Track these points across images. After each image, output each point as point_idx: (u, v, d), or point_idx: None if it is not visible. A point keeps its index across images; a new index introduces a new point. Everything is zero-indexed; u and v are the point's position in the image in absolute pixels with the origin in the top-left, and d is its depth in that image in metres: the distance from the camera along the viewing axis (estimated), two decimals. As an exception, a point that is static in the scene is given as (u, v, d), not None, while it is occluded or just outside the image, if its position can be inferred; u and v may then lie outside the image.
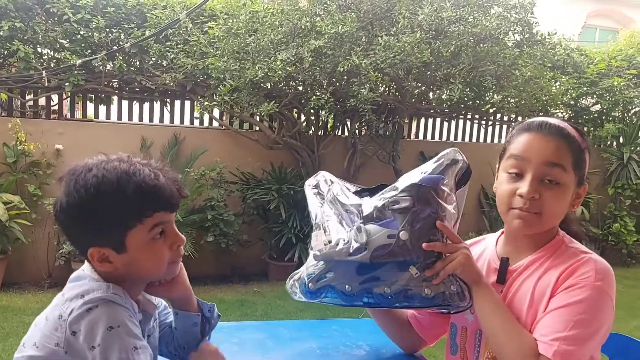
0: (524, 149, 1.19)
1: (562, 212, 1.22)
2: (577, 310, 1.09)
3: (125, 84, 5.12)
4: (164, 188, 1.02)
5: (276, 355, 1.32)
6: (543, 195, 1.16)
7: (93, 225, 1.00)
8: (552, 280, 1.16)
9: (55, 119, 5.08)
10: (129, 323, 0.96)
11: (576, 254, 1.19)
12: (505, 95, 5.28)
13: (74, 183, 1.00)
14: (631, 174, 6.68)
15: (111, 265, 1.02)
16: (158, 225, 1.03)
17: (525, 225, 1.20)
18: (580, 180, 1.22)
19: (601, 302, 1.12)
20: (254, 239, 5.28)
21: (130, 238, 1.01)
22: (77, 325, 0.93)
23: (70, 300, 0.97)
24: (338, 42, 4.63)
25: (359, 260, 1.19)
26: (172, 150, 5.06)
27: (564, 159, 1.17)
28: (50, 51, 4.99)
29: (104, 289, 0.99)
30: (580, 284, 1.11)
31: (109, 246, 1.01)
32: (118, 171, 1.00)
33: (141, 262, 1.03)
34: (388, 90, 5.56)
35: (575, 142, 1.19)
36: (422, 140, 6.53)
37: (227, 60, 4.72)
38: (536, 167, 1.17)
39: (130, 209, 1.00)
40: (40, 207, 4.56)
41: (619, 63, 6.75)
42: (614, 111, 6.82)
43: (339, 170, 5.67)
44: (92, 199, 0.98)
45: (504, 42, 5.14)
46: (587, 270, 1.13)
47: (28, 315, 3.85)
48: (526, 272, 1.23)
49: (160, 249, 1.04)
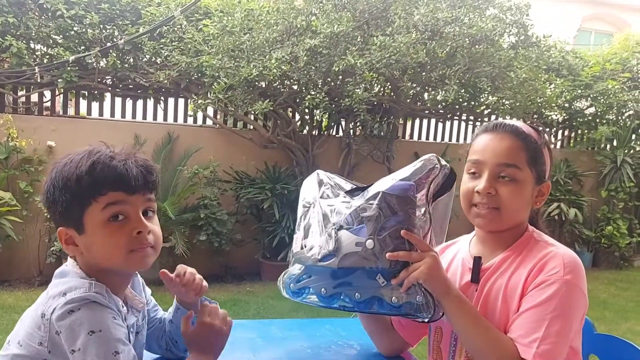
0: (480, 150, 1.26)
1: (521, 208, 1.24)
2: (550, 307, 1.12)
3: (118, 81, 5.09)
4: (118, 167, 1.01)
5: (267, 354, 1.30)
6: (499, 190, 1.22)
7: (57, 203, 1.02)
8: (522, 278, 1.19)
9: (47, 116, 5.04)
10: (111, 326, 0.95)
11: (544, 247, 1.22)
12: (500, 97, 5.29)
13: (54, 167, 1.05)
14: (624, 176, 6.70)
15: (77, 248, 1.04)
16: (112, 204, 1.01)
17: (485, 221, 1.25)
18: (540, 177, 1.25)
19: (572, 295, 1.14)
20: (247, 239, 5.26)
21: (87, 217, 1.02)
22: (59, 325, 0.93)
23: (52, 298, 0.97)
24: (333, 41, 4.62)
25: (327, 266, 1.21)
26: (165, 148, 5.03)
27: (517, 157, 1.22)
28: (43, 47, 4.96)
29: (87, 287, 0.98)
30: (550, 280, 1.14)
31: (71, 226, 1.03)
32: (84, 152, 1.04)
33: (97, 244, 1.02)
34: (383, 90, 5.56)
35: (530, 139, 1.23)
36: (416, 140, 6.52)
37: (222, 58, 4.70)
38: (491, 167, 1.23)
39: (84, 185, 1.00)
40: (31, 204, 4.53)
41: (614, 66, 6.77)
42: (608, 114, 6.85)
43: (333, 170, 5.63)
44: (57, 175, 1.02)
45: (499, 44, 5.15)
46: (555, 265, 1.16)
47: (18, 312, 3.81)
48: (498, 270, 1.25)
49: (115, 232, 1.02)
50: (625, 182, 6.69)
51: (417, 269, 1.14)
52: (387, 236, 1.16)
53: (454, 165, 4.49)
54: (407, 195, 1.17)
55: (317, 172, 1.43)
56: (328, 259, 1.21)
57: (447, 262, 1.40)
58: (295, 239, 1.33)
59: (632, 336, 4.05)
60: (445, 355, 1.32)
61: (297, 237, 1.32)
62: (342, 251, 1.19)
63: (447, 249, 1.45)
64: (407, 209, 1.17)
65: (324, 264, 1.21)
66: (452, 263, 1.39)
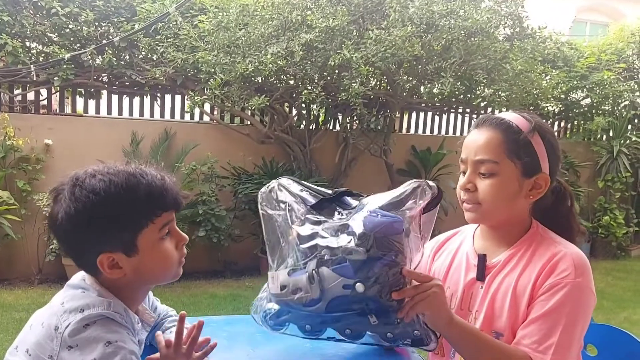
0: (465, 148, 1.26)
1: (505, 201, 1.21)
2: (564, 312, 1.11)
3: (115, 79, 5.08)
4: (171, 187, 1.04)
5: (266, 349, 1.31)
6: (479, 186, 1.21)
7: (105, 229, 0.99)
8: (532, 278, 1.17)
9: (44, 114, 5.04)
10: (127, 339, 0.96)
11: (552, 245, 1.21)
12: (496, 89, 5.29)
13: (78, 189, 0.98)
14: (621, 167, 6.73)
15: (121, 271, 1.01)
16: (166, 224, 1.03)
17: (471, 216, 1.26)
18: (528, 169, 1.20)
19: (584, 297, 1.14)
20: (245, 234, 5.27)
21: (141, 239, 1.00)
22: (73, 340, 0.93)
23: (69, 312, 0.96)
24: (329, 35, 4.62)
25: (315, 312, 1.15)
26: (162, 145, 5.03)
27: (493, 151, 1.19)
28: (38, 45, 4.95)
29: (105, 306, 0.98)
30: (562, 284, 1.13)
31: (119, 250, 1.00)
32: (124, 174, 1.01)
33: (152, 263, 1.03)
34: (379, 84, 5.56)
35: (512, 130, 1.20)
36: (413, 134, 6.53)
37: (218, 54, 4.70)
38: (470, 163, 1.23)
39: (142, 209, 1.00)
40: (29, 202, 4.53)
41: (609, 57, 6.78)
42: (604, 105, 6.86)
43: (331, 164, 5.68)
44: (102, 201, 0.97)
45: (495, 36, 5.15)
46: (566, 267, 1.14)
47: (18, 311, 3.83)
48: (505, 268, 1.23)
49: (169, 248, 1.05)
50: (622, 172, 6.71)
51: (424, 299, 1.10)
52: (378, 278, 1.08)
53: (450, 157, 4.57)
54: (395, 231, 1.09)
55: (278, 182, 1.28)
56: (313, 304, 1.13)
57: (450, 253, 1.39)
58: (272, 278, 1.21)
59: (629, 325, 4.08)
60: (447, 351, 1.31)
61: (273, 275, 1.21)
62: (328, 295, 1.11)
63: (450, 239, 1.44)
64: (396, 247, 1.09)
65: (311, 310, 1.14)
66: (455, 256, 1.37)
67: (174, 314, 1.32)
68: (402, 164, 6.17)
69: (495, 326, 1.22)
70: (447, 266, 1.37)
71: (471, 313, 1.28)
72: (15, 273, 4.70)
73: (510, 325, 1.18)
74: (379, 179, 5.99)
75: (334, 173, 5.68)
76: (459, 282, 1.31)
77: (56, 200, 1.01)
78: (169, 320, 1.28)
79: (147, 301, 1.21)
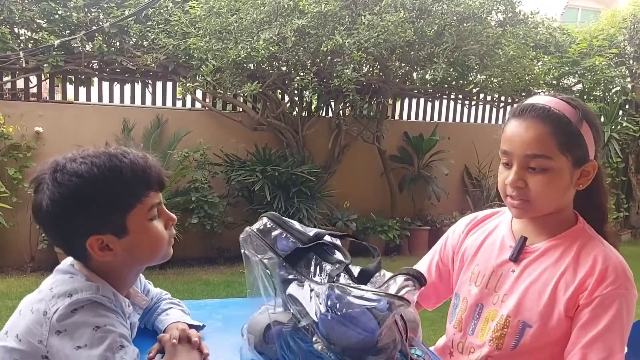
0: (508, 140, 1.17)
1: (555, 196, 1.17)
2: (621, 323, 1.10)
3: (105, 65, 5.04)
4: (154, 165, 1.04)
5: (260, 331, 1.32)
6: (529, 182, 1.15)
7: (92, 211, 0.98)
8: (578, 279, 1.15)
9: (34, 101, 4.99)
10: (116, 323, 0.96)
11: (600, 248, 1.17)
12: (488, 75, 5.31)
13: (60, 174, 0.97)
14: (612, 152, 6.77)
15: (112, 253, 1.01)
16: (154, 205, 1.03)
17: (519, 212, 1.20)
18: (579, 159, 1.15)
19: (633, 305, 1.13)
20: (239, 221, 5.26)
21: (130, 220, 1.00)
22: (61, 325, 0.92)
23: (57, 297, 0.96)
24: (321, 21, 4.60)
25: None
26: (154, 132, 5.00)
27: (545, 146, 1.12)
28: (27, 31, 4.90)
29: (94, 290, 0.97)
30: (615, 295, 1.11)
31: (109, 232, 1.00)
32: (105, 155, 1.00)
33: (143, 243, 1.03)
34: (372, 70, 5.55)
35: (562, 121, 1.13)
36: (406, 120, 6.53)
37: (209, 40, 4.66)
38: (519, 159, 1.15)
39: (128, 188, 1.00)
40: (20, 190, 4.50)
41: (601, 42, 6.80)
42: (595, 90, 6.89)
43: (324, 151, 5.68)
44: (86, 183, 0.97)
45: (487, 21, 5.15)
46: (616, 276, 1.13)
47: (12, 299, 3.82)
48: (544, 258, 1.20)
49: (159, 228, 1.05)
50: (613, 158, 6.76)
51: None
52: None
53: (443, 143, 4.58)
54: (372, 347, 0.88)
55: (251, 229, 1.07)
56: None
57: (485, 232, 1.34)
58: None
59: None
60: (465, 327, 1.29)
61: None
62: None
63: (488, 219, 1.39)
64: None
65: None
66: (490, 235, 1.32)
67: (168, 296, 1.32)
68: (394, 150, 6.18)
69: (525, 316, 1.18)
70: (479, 244, 1.33)
71: (497, 294, 1.24)
72: (7, 261, 4.68)
73: (542, 320, 1.16)
74: (371, 166, 6.00)
75: (327, 159, 5.68)
76: (490, 260, 1.28)
77: (38, 189, 1.00)
78: (164, 303, 1.28)
79: (139, 284, 1.20)
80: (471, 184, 6.60)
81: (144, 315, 1.26)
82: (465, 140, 6.46)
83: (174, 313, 1.24)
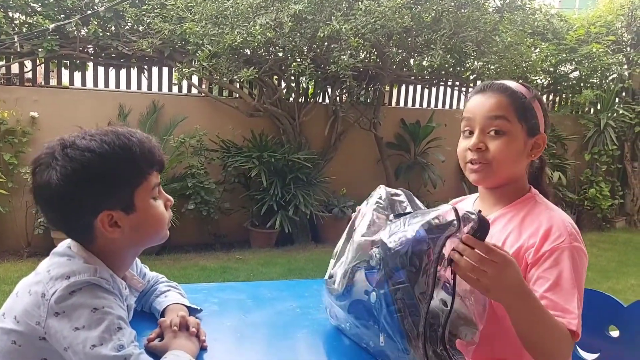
0: (471, 108, 1.29)
1: (514, 160, 1.26)
2: (569, 277, 1.13)
3: (100, 50, 5.00)
4: (157, 147, 1.09)
5: (256, 314, 1.33)
6: (489, 145, 1.24)
7: (103, 187, 1.00)
8: (522, 239, 1.20)
9: (29, 86, 4.96)
10: (113, 305, 0.97)
11: (546, 211, 1.24)
12: (485, 62, 5.29)
13: (71, 150, 0.98)
14: (607, 140, 6.79)
15: (120, 230, 1.02)
16: (157, 184, 1.07)
17: (479, 176, 1.27)
18: (531, 130, 1.26)
19: (582, 258, 1.17)
20: (235, 207, 5.28)
21: (137, 196, 1.03)
22: (59, 307, 0.93)
23: (55, 279, 0.96)
24: (318, 6, 4.57)
25: (341, 308, 1.19)
26: (150, 118, 4.99)
27: (505, 110, 1.24)
28: (22, 15, 4.85)
29: (91, 272, 0.98)
30: (560, 249, 1.15)
31: (118, 208, 1.02)
32: (113, 133, 1.02)
33: (148, 221, 1.06)
34: (369, 56, 5.53)
35: (517, 94, 1.26)
36: (402, 107, 6.53)
37: (205, 25, 4.63)
38: (480, 121, 1.26)
39: (137, 165, 1.03)
40: (16, 175, 4.49)
41: (598, 29, 6.78)
42: (592, 78, 6.88)
43: (320, 137, 5.67)
44: (99, 158, 0.99)
45: (485, 8, 5.13)
46: (561, 232, 1.17)
47: (8, 284, 3.83)
48: (493, 226, 1.23)
49: (161, 207, 1.08)
50: (608, 145, 6.78)
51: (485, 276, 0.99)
52: (389, 292, 1.03)
53: (440, 130, 4.58)
54: (413, 252, 1.01)
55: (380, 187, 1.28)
56: (342, 299, 1.17)
57: None
58: (331, 264, 1.27)
59: (613, 294, 4.16)
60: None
61: (332, 263, 1.27)
62: (352, 296, 1.14)
63: (458, 203, 1.48)
64: (411, 267, 1.01)
65: (339, 304, 1.19)
66: None
67: (165, 279, 1.33)
68: (391, 137, 6.18)
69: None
70: None
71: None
72: (4, 246, 4.68)
73: None
74: (368, 152, 6.00)
75: (324, 146, 5.68)
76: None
77: (41, 169, 0.99)
78: (162, 285, 1.29)
79: (134, 268, 1.22)
80: (467, 171, 6.60)
81: (140, 298, 1.27)
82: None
83: (172, 295, 1.26)
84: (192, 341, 1.11)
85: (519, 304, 1.05)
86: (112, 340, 0.92)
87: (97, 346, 0.91)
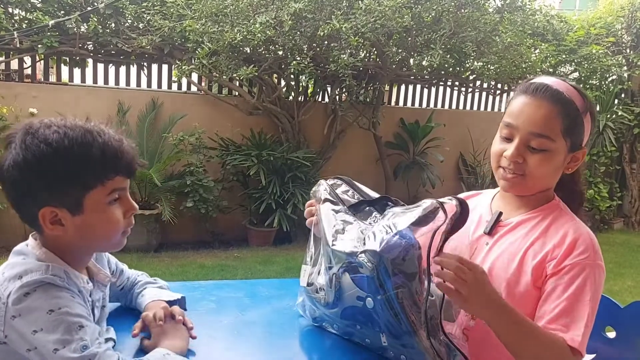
0: (515, 115, 1.19)
1: (548, 176, 1.21)
2: (587, 293, 1.11)
3: (100, 47, 4.99)
4: (128, 152, 1.01)
5: (254, 312, 1.33)
6: (527, 159, 1.18)
7: (52, 182, 0.96)
8: (546, 249, 1.17)
9: (28, 82, 4.95)
10: (70, 304, 0.94)
11: (570, 223, 1.20)
12: (485, 62, 5.29)
13: (31, 137, 0.95)
14: (606, 141, 6.78)
15: (62, 228, 0.99)
16: (117, 189, 1.01)
17: (509, 185, 1.23)
18: (575, 145, 1.20)
19: (601, 279, 1.15)
20: (233, 205, 5.28)
21: (88, 199, 0.98)
22: (16, 309, 0.91)
23: (9, 280, 0.94)
24: (318, 5, 4.57)
25: (332, 314, 1.18)
26: (150, 115, 4.98)
27: (551, 128, 1.15)
28: (21, 11, 4.83)
29: (43, 270, 0.95)
30: (581, 265, 1.13)
31: (64, 207, 0.97)
32: (81, 129, 0.97)
33: (96, 226, 1.00)
34: (368, 56, 5.52)
35: (570, 106, 1.17)
36: (402, 106, 6.52)
37: (205, 23, 4.63)
38: (522, 135, 1.17)
39: (94, 168, 0.97)
40: (15, 172, 4.48)
41: (598, 31, 6.78)
42: (591, 79, 6.88)
43: (319, 136, 5.67)
44: (53, 153, 0.94)
45: (485, 8, 5.13)
46: (585, 248, 1.15)
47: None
48: (516, 231, 1.23)
49: (115, 214, 1.02)
50: (607, 147, 6.78)
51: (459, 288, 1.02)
52: (386, 299, 1.05)
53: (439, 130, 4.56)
54: (408, 254, 1.05)
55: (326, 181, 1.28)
56: (332, 307, 1.17)
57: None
58: (303, 271, 1.26)
59: (610, 295, 4.16)
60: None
61: (304, 269, 1.26)
62: (343, 303, 1.14)
63: (468, 198, 1.38)
64: (407, 271, 1.05)
65: (329, 312, 1.19)
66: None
67: (144, 278, 1.31)
68: (390, 136, 6.18)
69: (494, 285, 1.18)
70: None
71: None
72: (1, 242, 4.68)
73: (509, 289, 1.17)
74: (367, 152, 6.00)
75: (323, 145, 5.67)
76: (467, 236, 1.29)
77: (7, 147, 0.98)
78: (139, 285, 1.28)
79: (103, 262, 1.18)
80: (466, 171, 6.61)
81: (124, 296, 1.27)
82: (461, 127, 6.47)
83: (149, 292, 1.24)
84: (181, 335, 1.10)
85: (499, 317, 1.06)
86: (74, 341, 0.90)
87: (60, 349, 0.89)
